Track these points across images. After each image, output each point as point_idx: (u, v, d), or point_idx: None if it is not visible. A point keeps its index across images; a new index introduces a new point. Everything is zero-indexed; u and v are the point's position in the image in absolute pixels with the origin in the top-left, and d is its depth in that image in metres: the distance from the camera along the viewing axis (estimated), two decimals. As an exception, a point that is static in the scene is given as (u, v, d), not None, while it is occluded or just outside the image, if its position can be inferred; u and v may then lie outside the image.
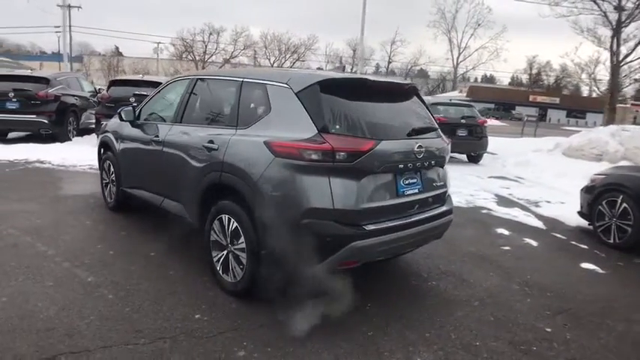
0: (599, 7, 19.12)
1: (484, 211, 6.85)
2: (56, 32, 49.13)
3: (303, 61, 67.17)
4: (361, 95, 3.42)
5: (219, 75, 4.30)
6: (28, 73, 11.87)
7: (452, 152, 12.13)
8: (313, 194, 3.04)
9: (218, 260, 3.62)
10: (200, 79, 4.33)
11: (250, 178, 3.26)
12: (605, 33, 20.31)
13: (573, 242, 5.60)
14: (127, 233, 4.89)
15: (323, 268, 3.12)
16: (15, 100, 10.37)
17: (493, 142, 13.98)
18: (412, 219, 3.51)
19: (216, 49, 67.74)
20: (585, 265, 4.80)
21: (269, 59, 69.14)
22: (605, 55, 21.87)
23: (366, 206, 3.18)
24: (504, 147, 14.28)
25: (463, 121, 11.64)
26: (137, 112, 4.93)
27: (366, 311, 3.45)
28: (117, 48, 72.32)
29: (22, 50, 70.22)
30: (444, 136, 3.93)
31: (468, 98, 54.50)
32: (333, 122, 3.16)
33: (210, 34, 66.30)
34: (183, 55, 66.66)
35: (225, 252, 3.55)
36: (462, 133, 11.53)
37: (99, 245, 4.47)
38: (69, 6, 40.80)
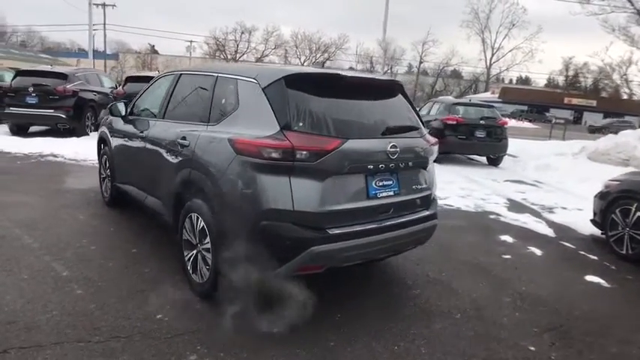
0: (632, 4, 18.18)
1: (491, 217, 6.55)
2: (93, 30, 50.61)
3: (334, 60, 66.97)
4: (334, 91, 3.26)
5: (199, 70, 4.21)
6: (47, 68, 12.19)
7: (469, 154, 12.03)
8: (273, 195, 2.93)
9: (189, 259, 3.52)
10: (183, 74, 4.27)
11: (214, 175, 3.17)
12: (639, 32, 19.32)
13: (582, 252, 5.25)
14: (115, 229, 4.87)
15: (283, 272, 3.00)
16: (34, 95, 10.65)
17: (516, 145, 13.52)
18: (386, 223, 3.32)
19: (247, 48, 68.49)
20: (590, 278, 4.47)
21: (299, 58, 69.32)
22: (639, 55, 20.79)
23: (331, 209, 3.02)
24: (527, 149, 13.72)
25: (482, 122, 11.24)
26: (129, 108, 4.90)
27: (335, 320, 3.28)
28: (152, 46, 74.03)
29: (61, 47, 72.69)
30: (428, 136, 3.72)
31: (499, 100, 53.20)
32: (297, 119, 3.01)
33: (242, 33, 66.96)
34: (216, 54, 67.67)
35: (194, 251, 3.45)
36: (480, 134, 11.15)
37: (84, 240, 4.46)
38: (104, 4, 42.03)
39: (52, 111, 10.71)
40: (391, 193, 3.36)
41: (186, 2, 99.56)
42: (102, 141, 5.71)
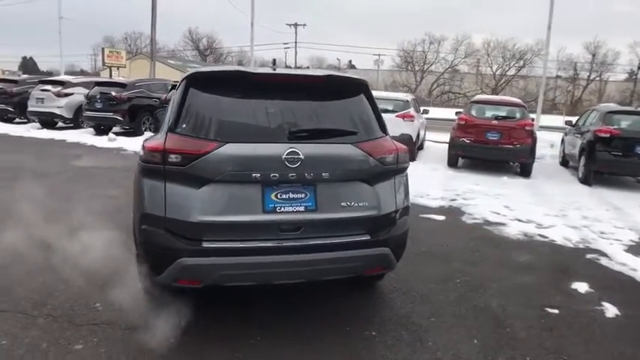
0: None
1: (589, 256, 4.91)
2: (284, 48, 56.35)
3: (530, 67, 60.89)
4: (238, 91, 2.91)
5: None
6: (109, 80, 15.02)
7: (626, 175, 9.21)
8: (149, 199, 2.80)
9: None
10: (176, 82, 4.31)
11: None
12: None
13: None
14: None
15: (162, 280, 2.81)
16: (99, 100, 13.23)
17: None
18: (291, 243, 2.76)
19: (436, 58, 67.35)
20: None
21: (491, 67, 65.13)
22: None
23: (208, 219, 2.67)
24: None
25: (649, 135, 8.65)
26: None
27: (250, 344, 2.91)
28: (350, 61, 78.53)
29: (263, 64, 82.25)
30: (375, 144, 3.01)
31: None
32: (184, 121, 2.83)
33: (431, 43, 66.25)
34: (403, 66, 68.26)
35: None
36: (644, 151, 8.58)
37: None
38: (295, 24, 46.45)
39: (111, 114, 13.12)
40: (301, 209, 2.79)
41: (374, 16, 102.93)
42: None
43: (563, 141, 11.68)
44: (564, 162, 11.36)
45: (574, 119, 11.54)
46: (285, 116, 2.90)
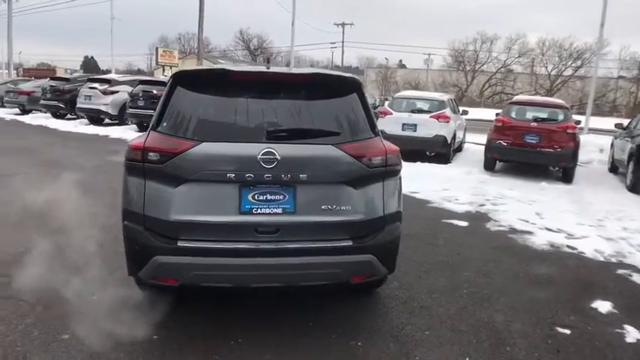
0: None
1: (620, 272, 4.47)
2: (331, 48, 56.31)
3: (589, 67, 57.64)
4: (221, 89, 2.88)
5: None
6: (152, 78, 15.44)
7: None
8: (130, 196, 2.82)
9: None
10: None
11: None
12: None
13: None
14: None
15: (142, 276, 2.81)
16: (142, 98, 13.72)
17: None
18: (267, 246, 2.67)
19: (488, 57, 65.12)
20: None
21: (546, 67, 62.21)
22: None
23: (183, 218, 2.65)
24: None
25: None
26: None
27: (230, 345, 2.88)
28: (400, 61, 77.50)
29: (318, 65, 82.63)
30: (361, 145, 2.85)
31: None
32: (165, 119, 2.84)
33: (483, 42, 64.11)
34: (454, 66, 66.47)
35: None
36: None
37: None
38: (343, 24, 46.29)
39: (151, 111, 12.75)
40: (278, 211, 2.70)
41: (425, 15, 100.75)
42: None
43: (612, 145, 10.88)
44: (613, 168, 10.56)
45: (626, 122, 10.73)
46: (266, 116, 2.82)
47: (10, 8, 29.22)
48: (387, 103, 12.96)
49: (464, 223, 5.88)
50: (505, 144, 9.11)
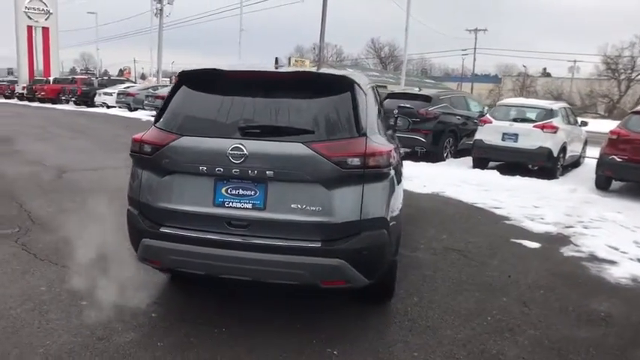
0: None
1: None
2: (462, 55, 53.88)
3: None
4: (212, 88, 3.04)
5: None
6: (414, 90, 12.21)
7: None
8: (132, 183, 3.11)
9: None
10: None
11: None
12: None
13: None
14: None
15: (138, 256, 3.08)
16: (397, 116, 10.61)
17: None
18: (235, 239, 2.74)
19: (647, 64, 56.56)
20: None
21: None
22: None
23: (166, 206, 2.89)
24: None
25: None
26: None
27: (211, 333, 3.00)
28: (544, 69, 71.53)
29: (453, 72, 79.63)
30: (334, 145, 2.72)
31: None
32: (163, 115, 3.07)
33: (643, 46, 55.82)
34: (605, 74, 59.13)
35: None
36: None
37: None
38: (476, 29, 44.03)
39: (412, 134, 9.73)
40: (248, 206, 2.74)
41: (572, 18, 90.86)
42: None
43: None
44: None
45: None
46: (246, 113, 2.91)
47: (161, 22, 33.63)
48: (487, 110, 11.96)
49: (534, 245, 5.21)
50: (620, 160, 7.84)
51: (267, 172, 2.69)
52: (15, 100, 33.95)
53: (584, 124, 11.09)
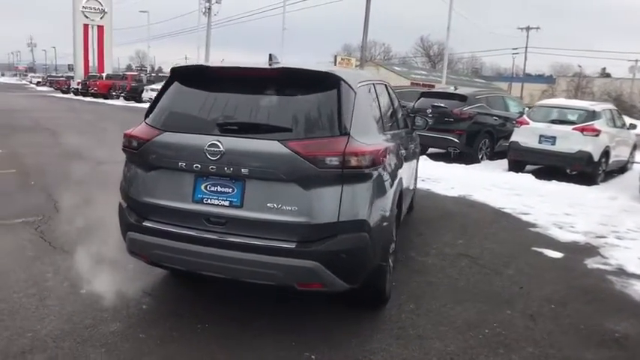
0: None
1: None
2: (512, 54, 51.78)
3: None
4: (198, 84, 3.05)
5: None
6: (450, 90, 11.54)
7: None
8: (124, 178, 3.16)
9: None
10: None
11: None
12: None
13: None
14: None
15: (127, 248, 3.13)
16: (431, 116, 9.80)
17: None
18: (211, 236, 2.72)
19: None
20: None
21: None
22: None
23: (149, 200, 2.92)
24: None
25: None
26: None
27: (194, 328, 3.02)
28: (603, 69, 67.75)
29: (505, 72, 76.74)
30: (311, 144, 2.64)
31: None
32: (153, 112, 3.10)
33: None
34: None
35: None
36: None
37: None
38: (527, 27, 42.22)
39: (445, 134, 10.09)
40: (225, 203, 2.73)
41: (632, 17, 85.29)
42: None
43: None
44: None
45: None
46: (228, 109, 2.88)
47: (209, 21, 34.41)
48: (525, 111, 11.40)
49: (557, 255, 4.89)
50: None
51: (243, 170, 2.65)
52: (70, 95, 35.89)
53: (633, 126, 10.36)
